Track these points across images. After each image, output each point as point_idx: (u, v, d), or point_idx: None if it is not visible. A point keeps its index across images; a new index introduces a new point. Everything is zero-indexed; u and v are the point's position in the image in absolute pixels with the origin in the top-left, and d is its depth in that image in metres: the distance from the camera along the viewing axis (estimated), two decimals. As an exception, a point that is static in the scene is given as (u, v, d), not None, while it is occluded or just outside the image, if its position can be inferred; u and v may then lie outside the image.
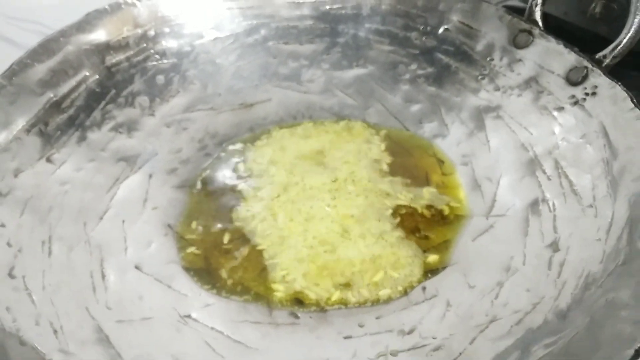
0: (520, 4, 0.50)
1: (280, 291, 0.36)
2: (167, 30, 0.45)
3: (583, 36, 0.48)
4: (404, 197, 0.41)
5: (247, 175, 0.44)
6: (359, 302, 0.36)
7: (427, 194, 0.41)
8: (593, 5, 0.47)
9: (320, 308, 0.36)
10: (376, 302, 0.36)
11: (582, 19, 0.48)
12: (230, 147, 0.46)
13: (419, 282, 0.37)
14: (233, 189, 0.43)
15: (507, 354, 0.31)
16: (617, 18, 0.44)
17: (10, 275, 0.33)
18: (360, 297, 0.36)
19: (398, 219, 0.40)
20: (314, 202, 0.41)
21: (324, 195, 0.41)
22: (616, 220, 0.34)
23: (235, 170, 0.44)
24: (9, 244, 0.34)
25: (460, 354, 0.32)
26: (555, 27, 0.45)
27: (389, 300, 0.36)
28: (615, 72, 0.38)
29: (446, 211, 0.40)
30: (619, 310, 0.29)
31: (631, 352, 0.26)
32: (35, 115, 0.38)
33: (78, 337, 0.32)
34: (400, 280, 0.37)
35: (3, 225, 0.35)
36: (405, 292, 0.37)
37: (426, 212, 0.40)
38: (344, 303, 0.36)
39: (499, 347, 0.32)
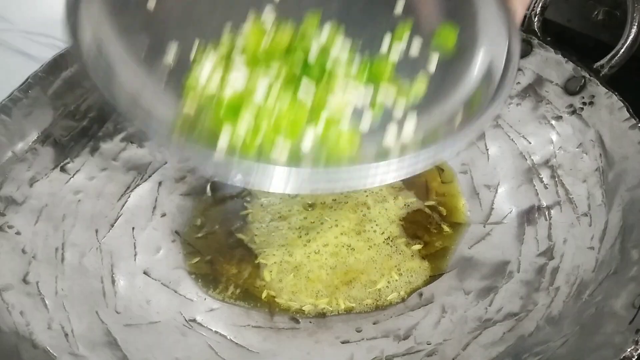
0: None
1: (279, 299, 0.38)
2: (177, 42, 0.47)
3: (586, 43, 0.48)
4: (404, 205, 0.42)
5: (254, 184, 0.45)
6: (360, 308, 0.37)
7: (427, 202, 0.42)
8: (596, 12, 0.47)
9: (320, 313, 0.37)
10: (375, 308, 0.37)
11: (585, 26, 0.48)
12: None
13: (418, 288, 0.38)
14: (240, 197, 0.44)
15: (498, 360, 0.32)
16: (620, 25, 0.44)
17: (25, 281, 0.35)
18: (361, 303, 0.37)
19: (398, 227, 0.41)
20: (318, 206, 0.42)
21: (328, 201, 0.42)
22: (610, 229, 0.35)
23: (242, 178, 0.45)
24: (24, 251, 0.36)
25: (453, 359, 0.33)
26: (558, 34, 0.45)
27: (387, 306, 0.37)
28: (623, 79, 0.39)
29: (444, 219, 0.41)
30: (609, 319, 0.30)
31: (616, 361, 0.27)
32: (50, 126, 0.40)
33: (88, 340, 0.34)
34: (401, 287, 0.38)
35: (19, 233, 0.37)
36: (403, 299, 0.37)
37: (425, 220, 0.41)
38: (348, 310, 0.37)
39: (491, 354, 0.33)
